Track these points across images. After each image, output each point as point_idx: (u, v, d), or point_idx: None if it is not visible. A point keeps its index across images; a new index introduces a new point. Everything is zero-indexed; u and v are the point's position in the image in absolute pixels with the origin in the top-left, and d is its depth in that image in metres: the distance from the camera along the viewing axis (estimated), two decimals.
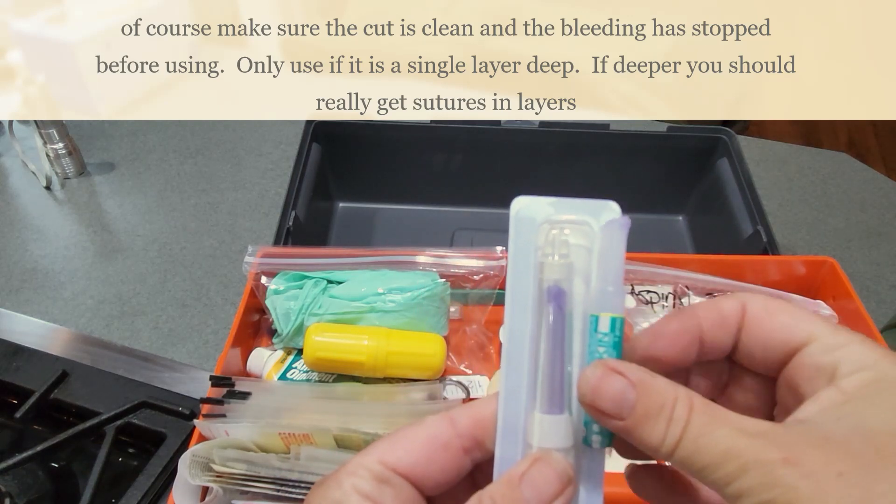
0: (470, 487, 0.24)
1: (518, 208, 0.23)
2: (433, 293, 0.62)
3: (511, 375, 0.22)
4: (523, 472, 0.21)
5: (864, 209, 0.94)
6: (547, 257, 0.23)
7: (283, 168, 1.00)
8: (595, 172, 0.88)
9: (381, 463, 0.23)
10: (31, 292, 0.82)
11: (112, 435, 0.63)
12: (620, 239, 0.23)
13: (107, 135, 1.07)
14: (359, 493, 0.22)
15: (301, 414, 0.49)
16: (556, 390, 0.22)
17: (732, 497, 0.19)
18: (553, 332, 0.22)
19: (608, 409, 0.21)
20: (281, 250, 0.66)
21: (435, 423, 0.24)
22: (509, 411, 0.22)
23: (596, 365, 0.22)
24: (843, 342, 0.22)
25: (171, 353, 0.74)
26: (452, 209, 0.91)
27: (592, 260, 0.23)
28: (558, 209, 0.23)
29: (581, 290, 0.23)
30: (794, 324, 0.23)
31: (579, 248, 0.23)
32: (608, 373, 0.21)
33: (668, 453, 0.20)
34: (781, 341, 0.23)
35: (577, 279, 0.23)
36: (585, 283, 0.23)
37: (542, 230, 0.23)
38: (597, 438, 0.22)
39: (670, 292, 0.63)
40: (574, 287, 0.23)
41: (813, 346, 0.22)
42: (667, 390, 0.21)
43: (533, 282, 0.23)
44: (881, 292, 0.81)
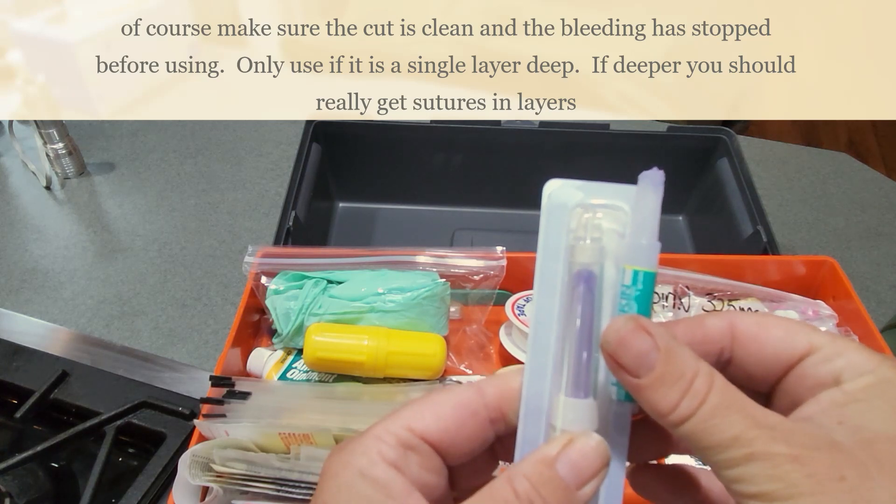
0: (489, 460, 0.24)
1: (550, 191, 0.23)
2: (433, 293, 0.62)
3: (537, 357, 0.22)
4: (558, 452, 0.21)
5: (864, 209, 0.94)
6: (578, 241, 0.23)
7: (283, 168, 1.00)
8: (595, 172, 0.87)
9: (409, 429, 0.22)
10: (31, 292, 0.82)
11: (112, 435, 0.63)
12: (655, 192, 0.22)
13: (107, 135, 1.07)
14: (385, 460, 0.22)
15: (301, 414, 0.49)
16: (583, 374, 0.22)
17: (732, 480, 0.20)
18: (582, 315, 0.22)
19: (628, 363, 0.21)
20: (281, 250, 0.66)
21: (464, 391, 0.23)
22: (533, 392, 0.22)
23: (628, 319, 0.22)
24: (841, 350, 0.22)
25: (171, 353, 0.74)
26: (452, 209, 0.91)
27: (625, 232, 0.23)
28: (591, 193, 0.23)
29: (612, 274, 0.23)
30: (789, 337, 0.23)
31: (612, 232, 0.23)
32: (637, 329, 0.21)
33: (675, 423, 0.21)
34: (778, 355, 0.23)
35: (608, 263, 0.23)
36: (617, 268, 0.23)
37: (575, 214, 0.23)
38: (614, 389, 0.22)
39: (670, 292, 0.64)
40: (605, 271, 0.23)
41: (813, 357, 0.22)
42: (690, 362, 0.21)
43: (563, 265, 0.23)
44: (881, 292, 0.81)
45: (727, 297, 0.63)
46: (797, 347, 0.23)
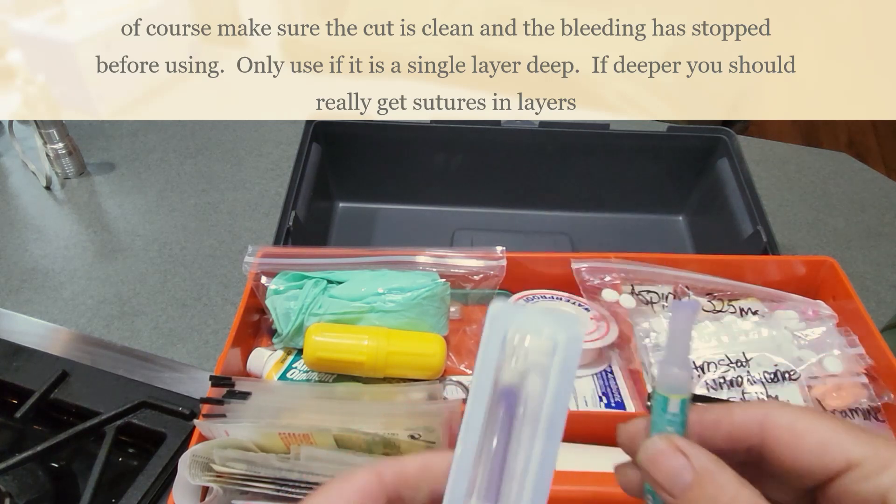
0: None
1: (493, 312, 0.25)
2: (433, 293, 0.61)
3: (461, 463, 0.24)
4: None
5: (864, 209, 0.94)
6: (507, 360, 0.24)
7: (283, 168, 1.00)
8: (595, 172, 0.88)
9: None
10: (31, 292, 0.82)
11: (112, 435, 0.63)
12: (688, 321, 0.24)
13: (107, 135, 1.07)
14: None
15: (301, 414, 0.49)
16: (493, 483, 0.23)
17: None
18: (500, 431, 0.24)
19: (661, 481, 0.22)
20: (281, 250, 0.66)
21: (364, 477, 0.24)
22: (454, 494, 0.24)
23: (663, 438, 0.22)
24: (886, 463, 0.21)
25: (171, 353, 0.74)
26: (452, 209, 0.91)
27: (547, 373, 0.24)
28: (527, 317, 0.24)
29: (538, 387, 0.24)
30: (825, 450, 0.22)
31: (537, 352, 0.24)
32: (672, 449, 0.22)
33: None
34: (812, 469, 0.22)
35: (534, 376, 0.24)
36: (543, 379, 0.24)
37: (510, 334, 0.24)
38: (649, 497, 0.24)
39: (670, 292, 0.63)
40: (529, 385, 0.24)
41: (854, 473, 0.21)
42: (727, 487, 0.21)
43: (492, 380, 0.24)
44: (881, 292, 0.81)
45: (727, 297, 0.63)
46: (834, 462, 0.21)
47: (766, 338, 0.58)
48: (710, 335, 0.59)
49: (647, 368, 0.58)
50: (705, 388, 0.55)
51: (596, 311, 0.63)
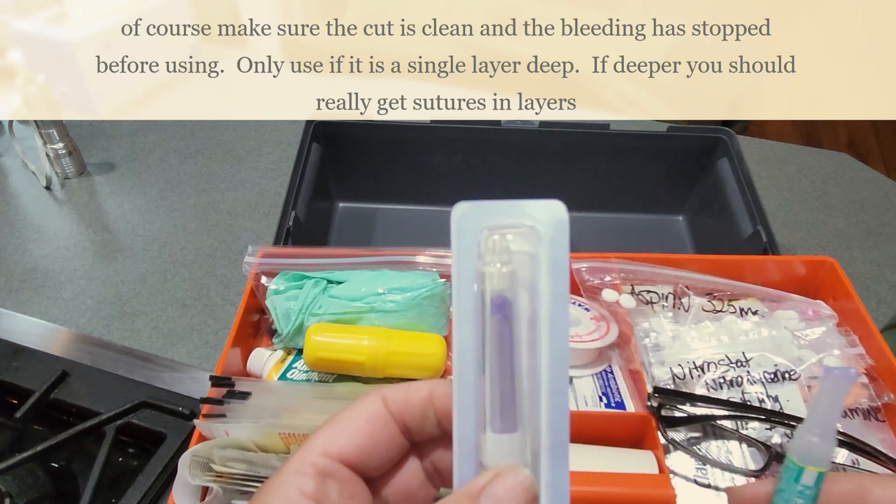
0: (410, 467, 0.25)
1: (459, 215, 0.22)
2: (433, 293, 0.61)
3: (462, 392, 0.21)
4: (483, 487, 0.21)
5: (864, 209, 0.94)
6: (488, 266, 0.22)
7: (283, 168, 1.00)
8: (595, 172, 0.88)
9: (325, 454, 0.23)
10: (31, 292, 0.82)
11: (112, 435, 0.63)
12: (842, 392, 0.22)
13: (107, 135, 1.07)
14: (305, 495, 0.22)
15: (301, 414, 0.49)
16: (507, 408, 0.21)
17: None
18: (500, 346, 0.21)
19: None
20: (281, 250, 0.66)
21: (371, 403, 0.23)
22: (463, 430, 0.21)
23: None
24: None
25: (171, 353, 0.74)
26: (452, 209, 0.91)
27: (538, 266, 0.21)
28: (499, 212, 0.22)
29: (525, 299, 0.21)
30: None
31: (522, 254, 0.22)
32: None
33: None
34: None
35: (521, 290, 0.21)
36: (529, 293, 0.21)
37: (483, 236, 0.22)
38: None
39: (670, 292, 0.63)
40: (518, 298, 0.21)
41: None
42: None
43: (477, 292, 0.22)
44: (881, 292, 0.81)
45: (727, 297, 0.63)
46: None
47: (766, 338, 0.58)
48: (709, 335, 0.59)
49: (647, 368, 0.58)
50: (705, 388, 0.55)
51: (596, 311, 0.63)
